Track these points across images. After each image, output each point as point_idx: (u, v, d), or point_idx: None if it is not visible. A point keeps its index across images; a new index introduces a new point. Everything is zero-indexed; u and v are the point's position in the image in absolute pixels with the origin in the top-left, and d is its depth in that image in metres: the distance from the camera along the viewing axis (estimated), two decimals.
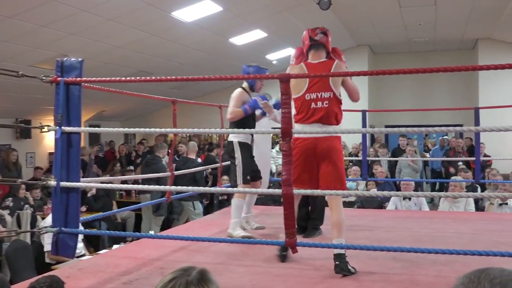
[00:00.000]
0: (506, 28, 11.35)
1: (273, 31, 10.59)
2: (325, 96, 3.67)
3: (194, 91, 13.94)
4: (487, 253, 3.38)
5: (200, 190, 5.85)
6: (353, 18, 10.82)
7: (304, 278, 3.49)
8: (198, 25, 8.95)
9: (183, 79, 3.76)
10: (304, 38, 3.92)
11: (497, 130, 3.30)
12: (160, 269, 3.71)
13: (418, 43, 13.15)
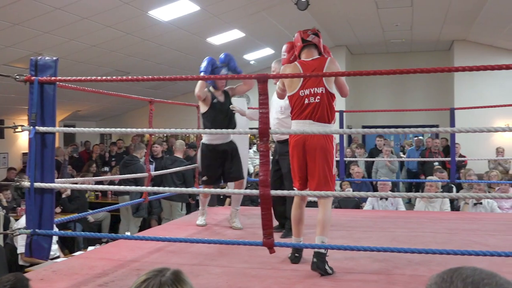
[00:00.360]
0: (481, 29, 11.53)
1: (251, 31, 10.58)
2: (318, 91, 3.73)
3: (171, 91, 13.86)
4: (462, 252, 3.41)
5: (176, 190, 5.80)
6: (330, 19, 10.87)
7: (281, 279, 3.48)
8: (175, 24, 8.90)
9: (160, 78, 3.72)
10: (296, 40, 4.00)
11: (472, 131, 3.34)
12: (136, 271, 3.66)
13: (395, 44, 13.27)
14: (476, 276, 0.96)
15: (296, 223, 3.92)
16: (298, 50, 3.96)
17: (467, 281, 0.95)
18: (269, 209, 3.30)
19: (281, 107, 4.89)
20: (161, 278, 1.34)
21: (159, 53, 10.40)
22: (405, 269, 3.67)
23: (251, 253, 4.08)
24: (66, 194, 8.37)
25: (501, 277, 0.96)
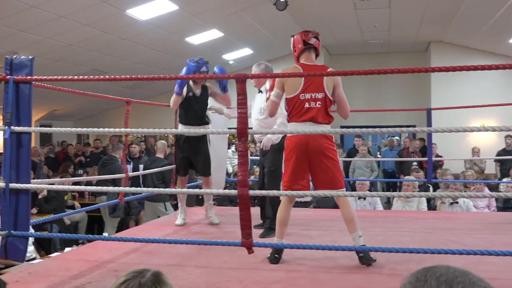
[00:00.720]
0: (457, 31, 11.69)
1: (230, 31, 10.57)
2: (319, 97, 3.78)
3: (149, 90, 13.77)
4: (438, 251, 3.45)
5: (154, 191, 5.77)
6: (309, 19, 10.91)
7: (260, 278, 3.48)
8: (153, 23, 8.85)
9: (138, 78, 3.69)
10: (296, 42, 3.97)
11: (448, 131, 3.38)
12: (113, 272, 3.63)
13: (373, 45, 13.38)
14: (449, 275, 0.97)
15: (282, 225, 3.92)
16: (299, 52, 3.96)
17: (441, 279, 0.96)
18: (248, 209, 3.30)
19: (260, 108, 4.95)
20: (140, 280, 1.33)
21: (137, 52, 10.34)
22: (383, 268, 3.68)
23: (230, 253, 4.07)
24: (43, 195, 8.26)
25: (474, 275, 0.98)
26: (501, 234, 4.86)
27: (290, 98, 3.82)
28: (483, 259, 3.69)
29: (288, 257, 3.94)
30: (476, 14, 10.01)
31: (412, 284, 1.00)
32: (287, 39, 4.13)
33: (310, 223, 5.52)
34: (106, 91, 6.45)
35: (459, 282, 0.95)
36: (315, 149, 3.74)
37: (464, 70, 3.16)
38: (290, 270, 3.68)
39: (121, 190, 4.93)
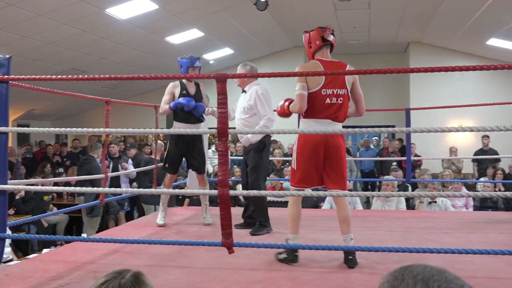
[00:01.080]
0: (436, 32, 11.82)
1: (210, 31, 10.55)
2: (340, 93, 3.71)
3: (129, 90, 13.69)
4: (417, 250, 3.49)
5: (134, 191, 5.73)
6: (289, 20, 10.94)
7: (241, 278, 3.47)
8: (133, 23, 8.79)
9: (117, 77, 3.66)
10: (313, 38, 3.88)
11: (427, 131, 3.42)
12: (92, 273, 3.60)
13: (353, 46, 13.45)
14: (426, 273, 0.98)
15: (295, 220, 3.89)
16: (316, 48, 3.87)
17: (418, 278, 0.97)
18: (228, 209, 3.30)
19: (244, 107, 4.98)
20: (120, 280, 1.32)
21: (116, 51, 10.25)
22: (363, 267, 3.71)
23: (211, 253, 4.06)
24: (20, 196, 8.15)
25: (450, 273, 0.99)
26: (478, 233, 4.92)
27: (310, 93, 3.71)
28: (461, 258, 3.74)
29: (269, 256, 3.95)
30: (453, 15, 10.13)
31: (390, 283, 1.01)
32: (267, 39, 4.15)
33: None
34: (86, 91, 6.41)
35: (436, 280, 0.96)
36: (334, 148, 3.71)
37: (442, 71, 3.20)
38: (271, 269, 3.69)
39: (100, 191, 4.89)
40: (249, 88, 5.06)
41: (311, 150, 3.72)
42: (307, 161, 3.74)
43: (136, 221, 6.59)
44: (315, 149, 3.71)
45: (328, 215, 6.19)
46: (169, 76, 3.59)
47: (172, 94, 5.19)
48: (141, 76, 3.64)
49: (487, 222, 5.59)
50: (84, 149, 11.88)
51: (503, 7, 8.87)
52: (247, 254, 3.98)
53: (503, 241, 4.49)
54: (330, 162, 3.72)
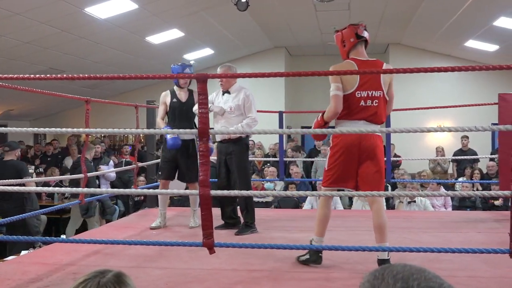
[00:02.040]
0: (415, 34, 11.94)
1: (191, 31, 10.51)
2: (376, 95, 3.55)
3: (109, 90, 13.56)
4: (397, 249, 3.53)
5: (114, 192, 5.68)
6: (270, 20, 10.95)
7: (222, 279, 3.48)
8: (112, 22, 8.72)
9: (97, 77, 3.63)
10: (347, 35, 3.69)
11: (406, 131, 3.45)
12: (72, 275, 3.56)
13: (333, 46, 13.37)
14: (406, 272, 0.99)
15: (324, 222, 3.76)
16: (350, 46, 3.70)
17: (397, 277, 0.98)
18: (209, 209, 3.30)
19: (230, 107, 5.00)
20: (100, 280, 1.31)
21: (96, 51, 10.16)
22: (344, 267, 3.74)
23: (191, 254, 4.05)
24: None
25: (429, 272, 1.00)
26: (457, 232, 4.99)
27: (344, 95, 3.55)
28: (440, 257, 3.78)
29: (250, 257, 3.95)
30: (432, 17, 10.24)
31: (370, 283, 1.01)
32: (248, 40, 4.15)
33: (271, 223, 5.55)
34: (65, 91, 6.32)
35: (415, 279, 0.97)
36: (368, 149, 3.56)
37: (421, 72, 3.24)
38: (252, 270, 3.69)
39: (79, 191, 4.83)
40: (235, 89, 5.08)
41: (343, 152, 3.59)
42: (339, 163, 3.60)
43: (116, 222, 6.54)
44: (347, 150, 3.57)
45: (309, 215, 6.21)
46: (149, 76, 3.58)
47: (164, 104, 5.25)
48: (121, 76, 3.61)
49: (465, 221, 5.66)
50: (62, 150, 11.74)
51: (480, 10, 9.00)
52: (228, 254, 3.98)
53: (481, 240, 4.55)
54: (364, 163, 3.57)
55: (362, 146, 3.56)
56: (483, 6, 8.81)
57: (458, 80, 12.89)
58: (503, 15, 8.95)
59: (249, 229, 4.95)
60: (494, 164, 8.41)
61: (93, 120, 4.89)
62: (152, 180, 6.57)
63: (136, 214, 6.45)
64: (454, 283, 1.02)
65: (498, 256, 3.40)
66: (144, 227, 5.31)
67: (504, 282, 3.40)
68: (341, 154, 3.58)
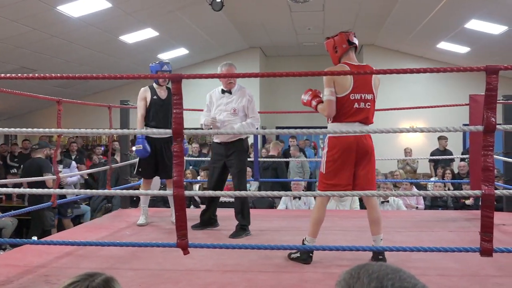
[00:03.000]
0: (388, 35, 12.08)
1: (165, 31, 10.45)
2: (368, 97, 3.74)
3: (82, 89, 13.40)
4: (370, 248, 3.57)
5: (86, 192, 5.61)
6: (245, 20, 10.96)
7: (196, 280, 3.46)
8: (85, 21, 8.61)
9: (69, 77, 3.58)
10: (339, 42, 3.85)
11: (379, 132, 3.49)
12: (44, 277, 3.51)
13: (308, 47, 13.58)
14: (381, 272, 1.00)
15: (317, 224, 3.87)
16: (342, 52, 3.85)
17: (373, 276, 0.99)
18: (183, 210, 3.29)
19: (233, 109, 4.92)
20: (89, 283, 1.29)
21: (68, 50, 10.02)
22: (317, 267, 3.75)
23: (165, 254, 4.03)
24: None
25: (404, 271, 1.02)
26: (428, 232, 5.05)
27: (339, 97, 3.71)
28: (412, 256, 3.83)
29: (225, 257, 3.95)
30: (405, 19, 10.38)
31: (346, 281, 1.03)
32: (223, 40, 4.15)
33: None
34: (36, 90, 6.23)
35: (390, 279, 0.98)
36: (364, 150, 3.72)
37: (394, 73, 3.28)
38: (226, 270, 3.68)
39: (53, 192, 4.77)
40: (236, 89, 5.04)
41: (341, 153, 3.71)
42: (337, 165, 3.72)
43: (89, 223, 6.47)
44: (345, 152, 3.70)
45: (283, 215, 6.24)
46: (123, 76, 3.54)
47: (144, 99, 5.25)
48: (94, 76, 3.57)
49: (437, 220, 5.73)
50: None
51: (452, 12, 9.15)
52: (202, 254, 3.96)
53: (452, 239, 4.61)
54: (360, 164, 3.73)
55: (359, 147, 3.71)
56: (455, 9, 8.95)
57: (431, 81, 13.08)
58: (474, 17, 9.11)
59: (243, 232, 4.85)
60: (465, 164, 8.56)
61: (66, 120, 4.82)
62: (126, 180, 6.51)
63: (109, 215, 6.39)
64: (425, 282, 1.04)
65: (469, 254, 3.46)
66: (117, 228, 5.27)
67: (475, 280, 3.44)
68: (340, 156, 3.71)
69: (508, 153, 5.83)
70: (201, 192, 3.83)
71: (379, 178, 8.31)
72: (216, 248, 3.70)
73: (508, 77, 11.78)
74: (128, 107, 6.30)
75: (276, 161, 8.71)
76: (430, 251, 3.44)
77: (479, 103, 4.93)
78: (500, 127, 3.30)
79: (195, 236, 4.55)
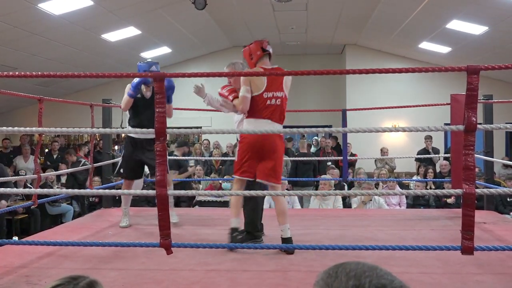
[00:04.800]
0: (370, 35, 12.14)
1: (148, 29, 10.39)
2: (278, 95, 4.18)
3: (64, 88, 13.25)
4: (353, 247, 3.58)
5: (68, 192, 5.56)
6: (228, 19, 10.93)
7: (179, 279, 3.45)
8: (67, 19, 8.52)
9: (50, 75, 3.55)
10: (254, 49, 4.31)
11: (362, 131, 3.51)
12: (25, 277, 3.47)
13: (291, 46, 13.60)
14: (358, 270, 1.01)
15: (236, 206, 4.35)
16: (257, 58, 4.30)
17: (350, 274, 1.00)
18: (166, 210, 3.28)
19: None
20: (73, 287, 1.27)
21: (49, 48, 9.90)
22: (300, 266, 3.75)
23: (148, 254, 4.01)
24: None
25: (382, 269, 1.03)
26: (410, 230, 5.09)
27: (254, 96, 4.15)
28: (395, 254, 3.86)
29: (208, 256, 3.94)
30: (387, 19, 10.44)
31: (324, 280, 1.04)
32: (206, 39, 4.16)
33: (229, 222, 5.54)
34: (17, 88, 6.14)
35: (367, 276, 0.99)
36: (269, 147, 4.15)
37: (376, 72, 3.30)
38: (209, 270, 3.68)
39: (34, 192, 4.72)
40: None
41: (248, 148, 4.19)
42: (246, 154, 4.19)
43: (71, 222, 6.41)
44: (251, 147, 4.16)
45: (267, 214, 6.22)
46: (105, 75, 3.52)
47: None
48: (75, 74, 3.54)
49: (419, 219, 5.78)
50: (15, 149, 11.40)
51: (434, 13, 9.22)
52: (186, 254, 3.95)
53: (434, 237, 4.66)
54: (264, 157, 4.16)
55: (264, 143, 4.13)
56: (436, 9, 9.03)
57: (413, 81, 13.17)
58: (456, 18, 9.20)
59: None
60: (447, 163, 8.64)
61: (47, 118, 4.76)
62: (108, 180, 6.47)
63: (91, 215, 6.33)
64: (407, 280, 1.05)
65: (451, 252, 3.50)
66: (99, 227, 5.22)
67: (456, 278, 3.47)
68: (247, 149, 4.19)
69: (488, 152, 5.90)
70: (185, 192, 3.81)
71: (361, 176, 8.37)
72: (200, 248, 3.69)
73: (489, 77, 11.92)
74: (110, 106, 6.23)
75: None
76: (412, 249, 3.47)
77: (460, 103, 4.98)
78: (481, 126, 3.34)
79: (179, 235, 4.53)
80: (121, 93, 5.12)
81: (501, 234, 4.72)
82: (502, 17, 8.56)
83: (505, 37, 9.56)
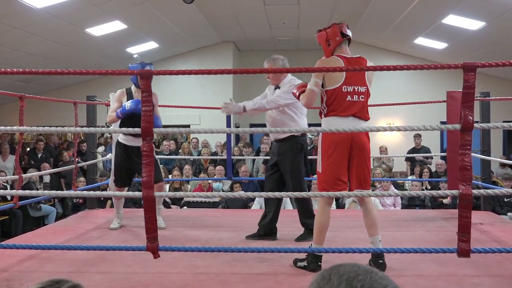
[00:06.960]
0: (364, 31, 12.00)
1: (134, 23, 10.21)
2: (361, 90, 3.59)
3: (45, 84, 12.98)
4: (346, 250, 3.50)
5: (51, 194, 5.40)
6: (217, 14, 10.78)
7: (167, 283, 3.40)
8: (49, 12, 8.32)
9: (32, 72, 3.42)
10: (332, 34, 3.73)
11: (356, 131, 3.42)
12: (5, 281, 3.38)
13: (282, 42, 13.48)
14: (352, 273, 1.00)
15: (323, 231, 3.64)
16: (336, 44, 3.72)
17: (343, 277, 0.99)
18: (153, 212, 3.22)
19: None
20: None
21: (31, 43, 9.67)
22: (292, 268, 3.70)
23: (135, 257, 3.93)
24: None
25: (378, 272, 1.01)
26: (405, 231, 5.02)
27: (330, 90, 3.58)
28: (389, 256, 3.78)
29: (196, 259, 3.87)
30: (382, 14, 10.33)
31: (318, 283, 1.02)
32: (195, 33, 4.01)
33: (219, 224, 5.48)
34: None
35: (360, 280, 0.97)
36: (358, 146, 3.54)
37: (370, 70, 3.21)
38: (198, 273, 3.64)
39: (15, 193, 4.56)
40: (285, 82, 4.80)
41: (335, 148, 3.53)
42: (329, 161, 3.54)
43: (55, 224, 6.25)
44: (339, 147, 3.53)
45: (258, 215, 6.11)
46: (89, 72, 3.38)
47: (120, 102, 4.84)
48: (58, 71, 3.42)
49: (414, 220, 5.70)
50: None
51: (429, 7, 9.14)
52: (173, 257, 3.89)
53: (429, 239, 4.59)
54: (354, 160, 3.56)
55: (354, 143, 3.54)
56: (432, 4, 8.96)
57: (408, 77, 13.10)
58: (452, 13, 9.12)
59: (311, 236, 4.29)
60: (443, 162, 8.56)
61: (29, 116, 4.59)
62: (93, 180, 6.31)
63: (75, 216, 6.19)
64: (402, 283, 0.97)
65: (447, 255, 3.45)
66: (84, 229, 5.09)
67: (452, 281, 3.44)
68: (333, 153, 3.54)
69: (486, 151, 5.83)
70: (172, 193, 3.69)
71: None
72: (188, 251, 3.59)
73: (486, 74, 11.85)
74: (95, 103, 6.05)
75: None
76: (407, 252, 3.41)
77: (456, 100, 4.90)
78: (478, 125, 3.25)
79: (166, 237, 4.42)
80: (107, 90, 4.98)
81: (498, 236, 4.68)
82: (499, 12, 8.48)
83: (503, 33, 9.48)
